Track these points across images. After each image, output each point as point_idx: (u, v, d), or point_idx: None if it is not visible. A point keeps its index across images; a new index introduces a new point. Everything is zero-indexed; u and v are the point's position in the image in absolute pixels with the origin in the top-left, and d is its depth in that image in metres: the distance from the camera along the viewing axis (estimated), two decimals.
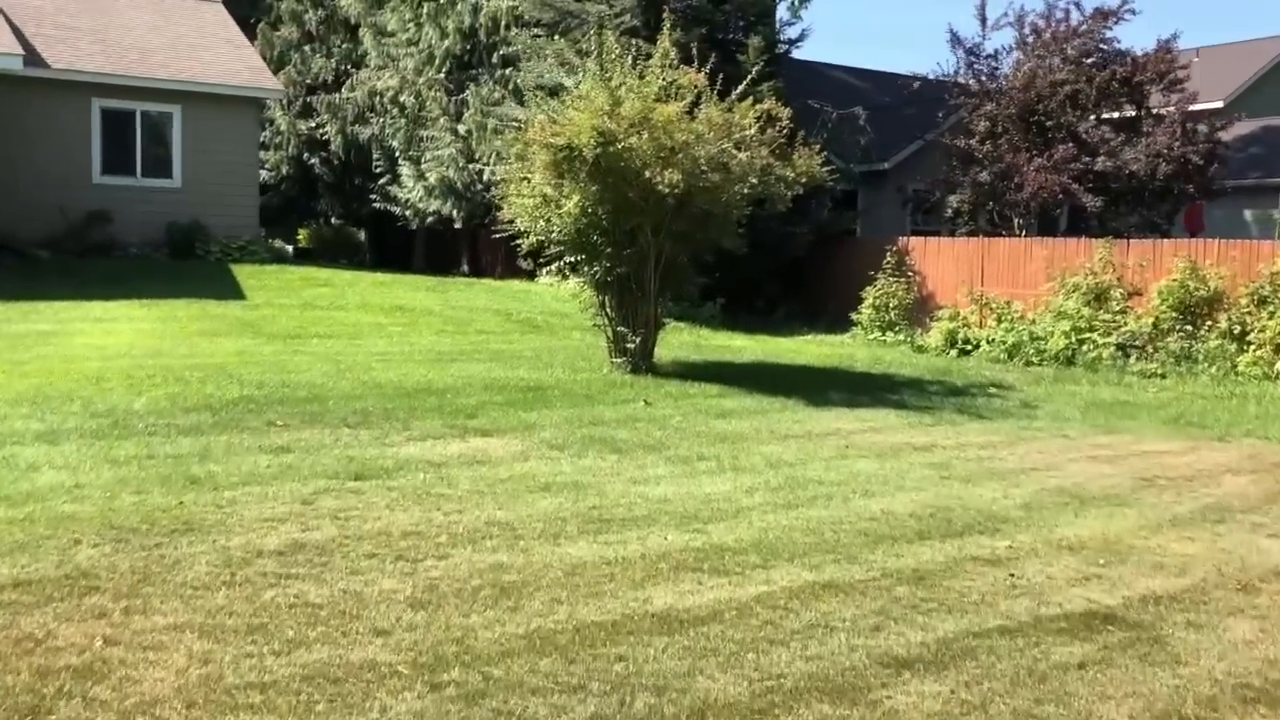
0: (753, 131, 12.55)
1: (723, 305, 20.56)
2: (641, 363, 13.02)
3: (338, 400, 10.59)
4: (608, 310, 13.37)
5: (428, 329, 16.56)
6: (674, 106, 11.97)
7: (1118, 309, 16.27)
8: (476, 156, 24.38)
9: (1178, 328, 15.44)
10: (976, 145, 22.55)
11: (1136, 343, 15.82)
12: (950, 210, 23.50)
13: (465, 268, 28.38)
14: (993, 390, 13.66)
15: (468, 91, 24.56)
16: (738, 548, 6.44)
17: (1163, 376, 14.94)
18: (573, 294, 21.17)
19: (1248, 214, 26.81)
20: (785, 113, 12.71)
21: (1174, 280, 15.63)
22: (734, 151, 12.46)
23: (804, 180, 13.24)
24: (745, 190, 12.76)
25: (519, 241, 13.33)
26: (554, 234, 12.90)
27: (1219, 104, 28.09)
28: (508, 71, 23.75)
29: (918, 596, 5.71)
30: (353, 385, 11.43)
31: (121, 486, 7.17)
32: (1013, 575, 6.14)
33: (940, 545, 6.69)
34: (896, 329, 19.05)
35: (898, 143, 25.83)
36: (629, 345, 12.96)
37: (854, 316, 19.63)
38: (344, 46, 29.10)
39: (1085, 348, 16.03)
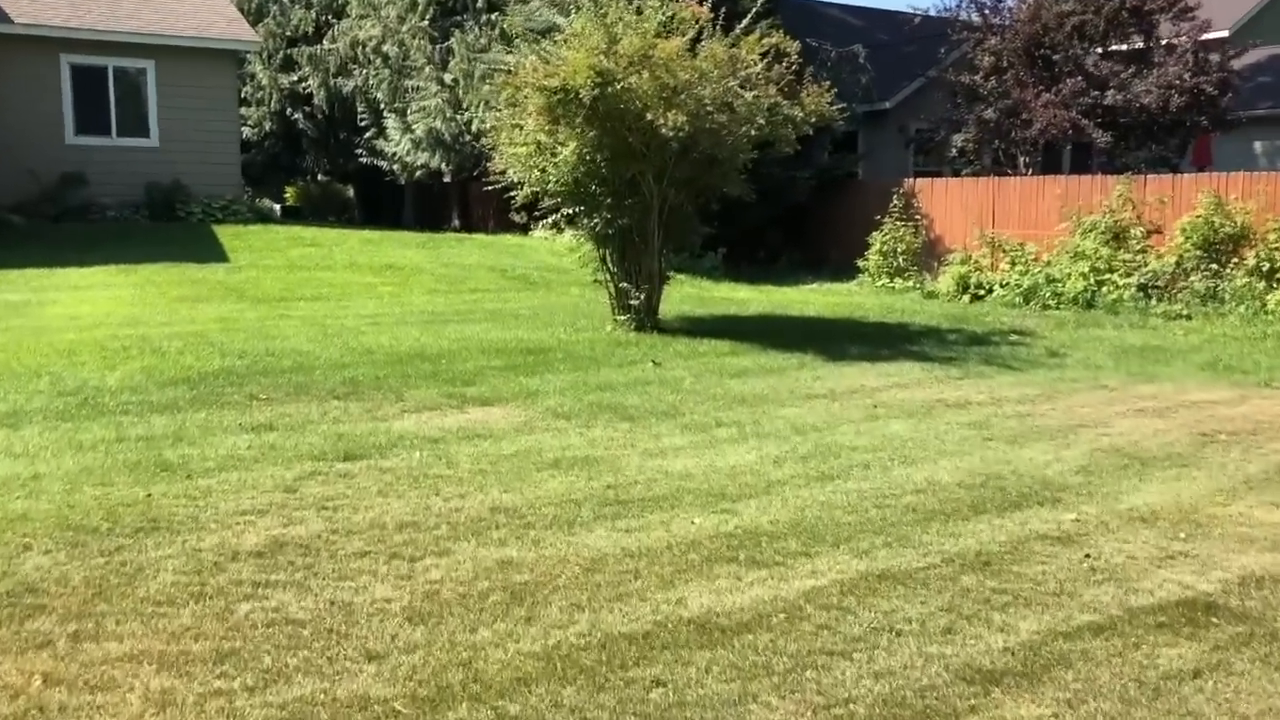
0: (759, 69, 11.64)
1: (724, 256, 19.72)
2: (646, 319, 12.21)
3: (325, 369, 9.78)
4: (609, 265, 12.53)
5: (419, 288, 15.72)
6: (676, 42, 11.06)
7: (1138, 248, 15.47)
8: (464, 106, 23.38)
9: (1202, 266, 14.65)
10: (981, 81, 21.62)
11: (1159, 283, 15.03)
12: (954, 150, 22.60)
13: (456, 222, 27.45)
14: (1015, 337, 12.88)
15: (453, 39, 23.51)
16: (774, 531, 5.68)
17: (1188, 318, 14.16)
18: (569, 247, 20.30)
19: (1257, 145, 25.92)
20: (794, 46, 11.80)
21: (1198, 216, 14.81)
22: (740, 90, 11.56)
23: (813, 120, 12.34)
24: (753, 132, 11.88)
25: (512, 194, 12.45)
26: (549, 184, 12.03)
27: (1225, 33, 27.10)
28: (494, 15, 22.70)
29: (988, 587, 4.96)
30: (341, 352, 10.62)
31: (84, 477, 6.38)
32: (1088, 556, 5.39)
33: (999, 521, 5.93)
34: (905, 275, 18.24)
35: (898, 81, 24.85)
36: (632, 301, 12.15)
37: (860, 263, 18.81)
38: None
39: (1105, 289, 15.24)
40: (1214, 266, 14.59)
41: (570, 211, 12.07)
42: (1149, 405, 9.03)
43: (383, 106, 25.52)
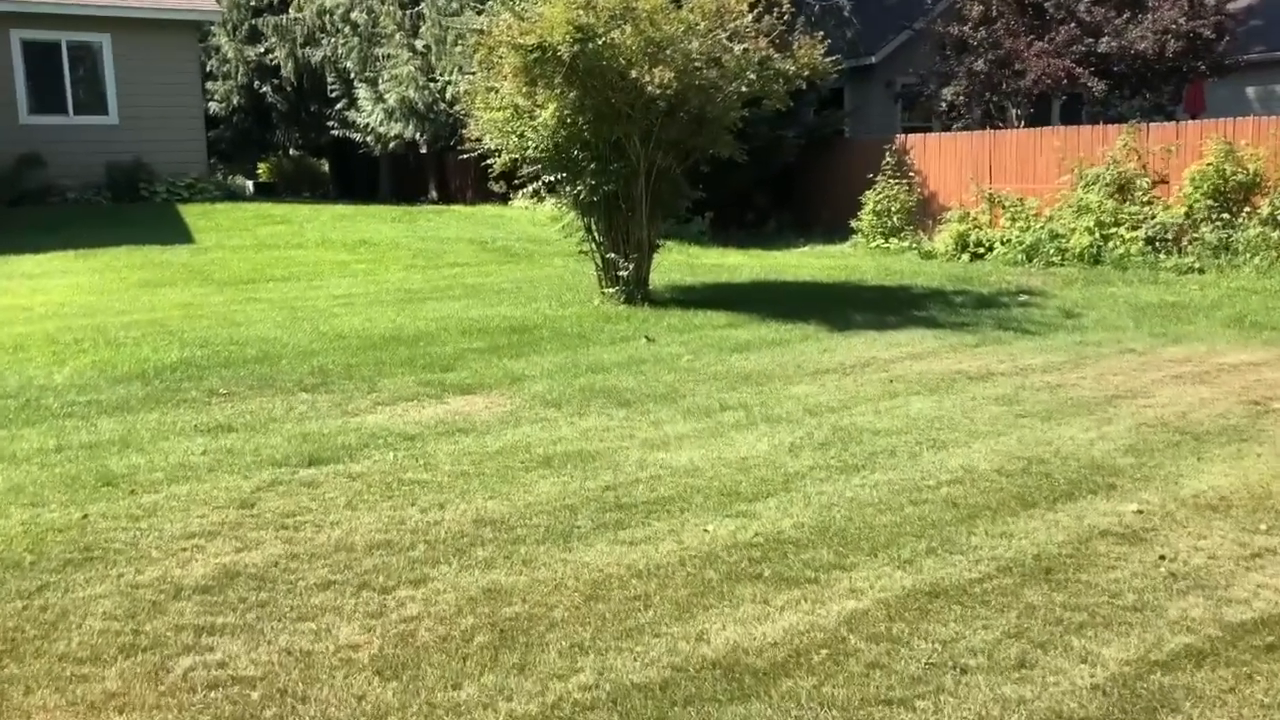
0: (749, 19, 10.79)
1: (711, 220, 18.90)
2: (636, 291, 11.41)
3: (292, 358, 8.97)
4: (595, 234, 11.71)
5: (395, 265, 14.86)
6: None
7: (1144, 200, 14.71)
8: (437, 73, 22.43)
9: (1213, 217, 13.90)
10: (970, 32, 20.74)
11: (1167, 235, 14.28)
12: (944, 103, 21.73)
13: (433, 194, 26.53)
14: (1024, 298, 12.13)
15: (424, 3, 22.51)
16: (800, 538, 4.92)
17: (1201, 271, 13.44)
18: (551, 217, 19.44)
19: (1250, 91, 25.14)
20: None
21: (1207, 164, 14.05)
22: (728, 44, 10.71)
23: (806, 74, 11.50)
24: (743, 89, 11.04)
25: (490, 161, 11.60)
26: (529, 150, 11.18)
27: None
28: None
29: (1056, 603, 4.21)
30: (310, 338, 9.80)
31: (13, 497, 5.58)
32: (1163, 558, 4.65)
33: (1052, 515, 5.19)
34: (900, 235, 17.46)
35: (883, 35, 23.95)
36: (621, 273, 11.34)
37: (853, 224, 18.01)
38: None
39: (1111, 244, 14.49)
40: (1225, 216, 13.85)
41: (552, 179, 11.23)
42: (1185, 370, 8.30)
43: (353, 76, 24.53)
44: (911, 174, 18.15)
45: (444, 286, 13.20)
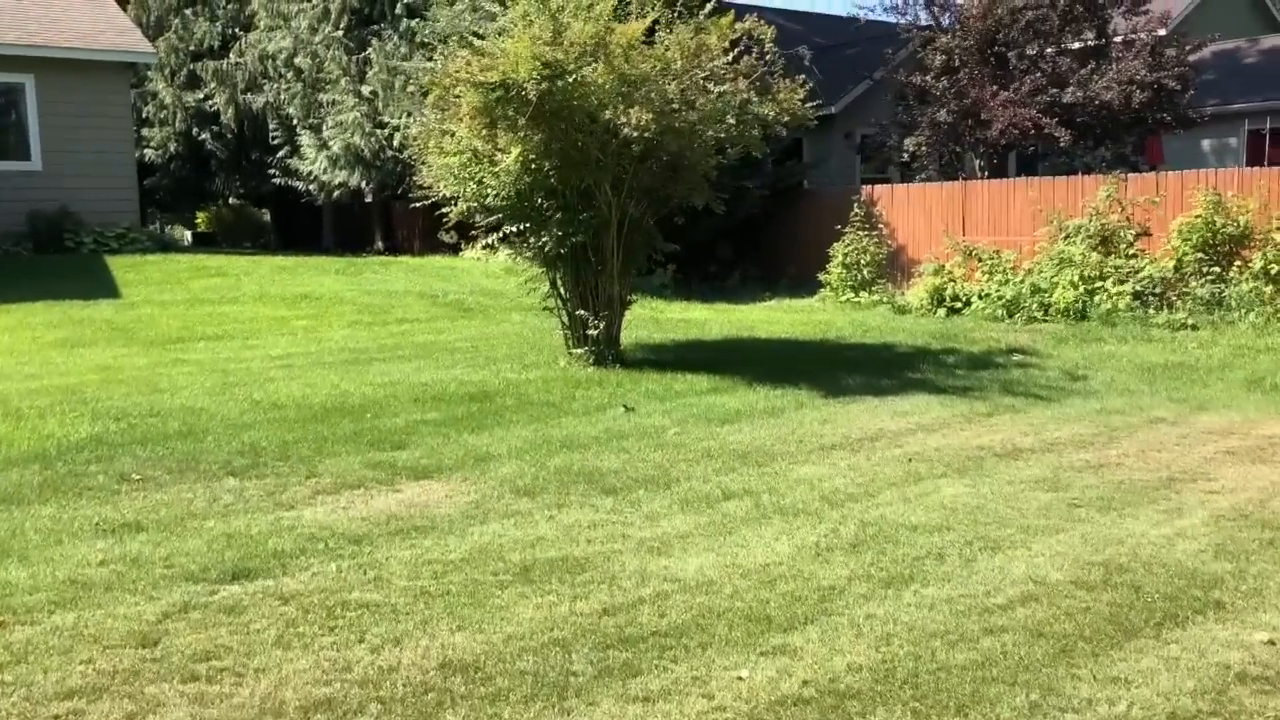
0: (729, 59, 9.81)
1: (673, 273, 17.87)
2: (607, 351, 10.29)
3: (221, 433, 7.71)
4: (561, 290, 10.59)
5: (339, 321, 13.62)
6: (636, 25, 9.17)
7: (1129, 253, 13.91)
8: (384, 120, 21.31)
9: (1204, 270, 13.12)
10: (932, 82, 20.05)
11: (1156, 290, 13.48)
12: (906, 154, 20.99)
13: (379, 245, 25.29)
14: (1018, 358, 11.19)
15: (371, 49, 21.42)
16: (861, 688, 3.79)
17: (1194, 328, 12.61)
18: (505, 269, 18.36)
19: (1205, 144, 24.76)
20: (769, 32, 9.97)
21: (1196, 216, 13.29)
22: (708, 85, 9.71)
23: (785, 120, 10.53)
24: (721, 134, 10.03)
25: (444, 211, 10.45)
26: (488, 199, 10.06)
27: (1161, 31, 25.99)
28: (414, 23, 20.62)
29: None
30: (242, 408, 8.55)
31: None
32: None
33: (1164, 650, 4.10)
34: (871, 288, 16.55)
35: (842, 85, 23.25)
36: (590, 331, 10.21)
37: (822, 277, 17.08)
38: (229, 8, 25.62)
39: (1098, 299, 13.66)
40: (1216, 270, 13.08)
41: (514, 229, 10.09)
42: (1234, 444, 7.32)
43: (296, 123, 23.31)
44: (880, 226, 17.29)
45: (392, 345, 11.99)
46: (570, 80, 8.88)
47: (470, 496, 6.25)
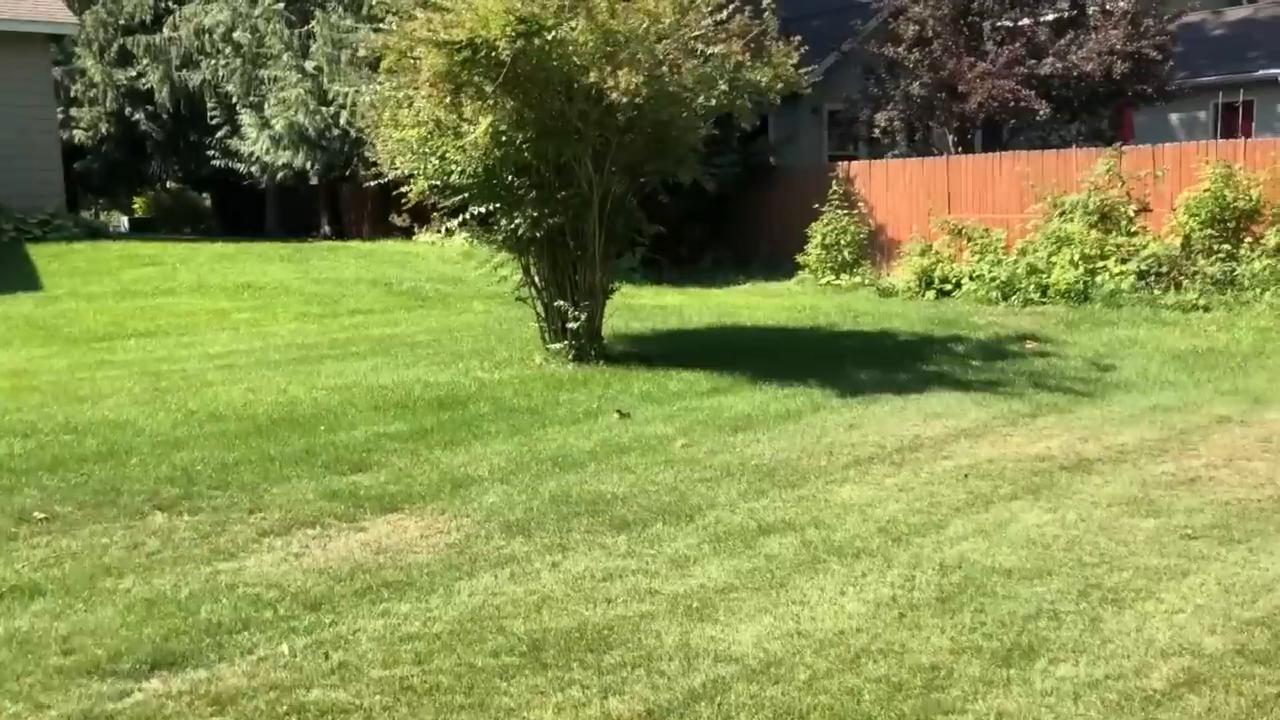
0: (724, 15, 8.63)
1: (642, 256, 16.65)
2: (589, 346, 9.11)
3: (149, 453, 6.44)
4: (535, 278, 9.37)
5: (286, 313, 12.28)
6: None
7: (1132, 230, 12.95)
8: (330, 97, 19.84)
9: (1214, 248, 12.18)
10: (904, 53, 18.97)
11: (1162, 269, 12.52)
12: (878, 130, 19.92)
13: (326, 229, 23.81)
14: (1031, 345, 10.17)
15: (314, 21, 19.90)
16: None
17: (1206, 309, 11.67)
18: (463, 253, 17.06)
19: (1174, 118, 23.97)
20: None
21: (1205, 191, 12.33)
22: (699, 45, 8.53)
23: (779, 86, 9.39)
24: (713, 101, 8.85)
25: (402, 190, 9.18)
26: (452, 176, 8.80)
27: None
28: None
29: None
30: (175, 419, 7.27)
31: None
32: None
33: None
34: (852, 270, 15.48)
35: (808, 59, 22.03)
36: (570, 324, 9.03)
37: (799, 259, 15.97)
38: None
39: (1099, 279, 12.68)
40: (1226, 248, 12.14)
41: (482, 210, 8.83)
42: None
43: (236, 101, 21.73)
44: (859, 204, 16.21)
45: (345, 340, 10.71)
46: (548, 39, 7.64)
47: (451, 536, 5.04)
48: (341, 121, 19.72)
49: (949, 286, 14.06)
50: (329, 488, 5.78)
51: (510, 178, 8.82)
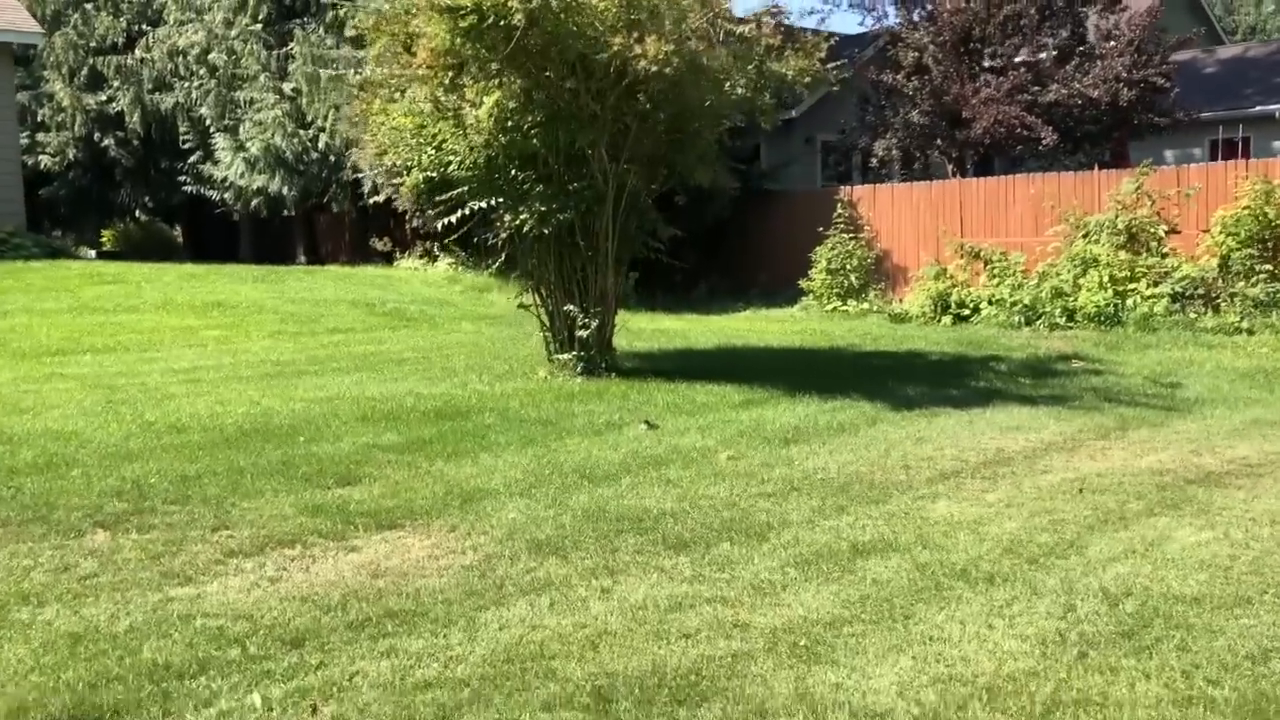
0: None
1: (635, 282, 15.67)
2: (599, 357, 8.09)
3: (92, 466, 5.33)
4: (542, 282, 8.34)
5: (259, 331, 11.16)
6: None
7: (1163, 251, 12.11)
8: (309, 120, 18.83)
9: (1255, 269, 11.33)
10: (903, 81, 18.26)
11: (1198, 291, 11.66)
12: (875, 159, 19.15)
13: (302, 259, 22.68)
14: (1078, 364, 9.23)
15: (293, 42, 18.93)
16: None
17: (1250, 332, 10.81)
18: (447, 277, 16.05)
19: (1169, 154, 23.40)
20: None
21: (1244, 208, 11.52)
22: (727, 25, 7.62)
23: (807, 80, 8.49)
24: (739, 90, 7.93)
25: (396, 182, 8.16)
26: (451, 167, 7.78)
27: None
28: (343, 12, 18.22)
29: None
30: (128, 430, 6.15)
31: None
32: None
33: None
34: (860, 295, 14.55)
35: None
36: (580, 332, 7.99)
37: (803, 284, 15.03)
38: (136, 0, 22.88)
39: (1130, 302, 11.81)
40: (1268, 269, 11.30)
41: (482, 206, 7.80)
42: None
43: (210, 124, 20.67)
44: (865, 229, 15.35)
45: (324, 357, 9.61)
46: (565, 3, 6.67)
47: (467, 558, 3.97)
48: (320, 145, 18.73)
49: (966, 311, 13.14)
50: (310, 502, 4.70)
51: (514, 171, 7.82)
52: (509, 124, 7.43)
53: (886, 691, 2.82)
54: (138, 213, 27.29)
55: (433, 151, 7.79)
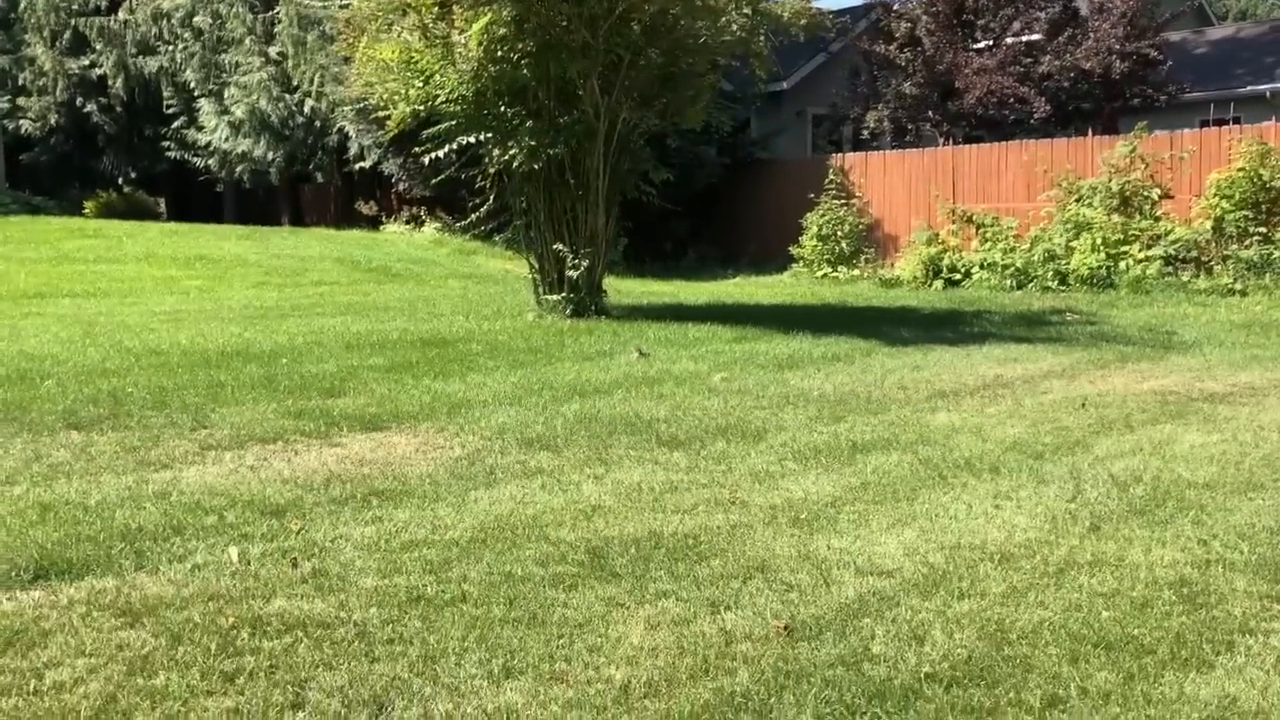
0: None
1: (624, 249, 15.54)
2: (589, 299, 7.95)
3: (69, 378, 5.19)
4: (532, 221, 8.19)
5: (242, 283, 11.00)
6: None
7: (1156, 214, 12.03)
8: (294, 84, 18.61)
9: (1249, 230, 11.27)
10: (896, 51, 18.13)
11: (1190, 254, 11.60)
12: (867, 130, 19.02)
13: (286, 224, 22.45)
14: (1073, 316, 9.14)
15: (278, 5, 18.70)
16: None
17: (1242, 293, 10.75)
18: (433, 240, 15.89)
19: (1159, 134, 23.33)
20: None
21: (1239, 171, 11.45)
22: None
23: (802, 24, 8.36)
24: (733, 29, 7.80)
25: (382, 115, 8.01)
26: (439, 101, 7.63)
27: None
28: None
29: None
30: (105, 354, 6.01)
31: None
32: None
33: None
34: (850, 262, 14.45)
35: (794, 59, 21.21)
36: (570, 273, 7.85)
37: (794, 251, 14.92)
38: None
39: (1123, 264, 11.74)
40: (1261, 231, 11.24)
41: (471, 140, 7.65)
42: None
43: (195, 88, 20.43)
44: (856, 196, 15.23)
45: (308, 305, 9.46)
46: None
47: (456, 451, 3.85)
48: (306, 109, 18.52)
49: (958, 276, 13.05)
50: (294, 408, 4.56)
51: (503, 106, 7.68)
52: (499, 54, 7.29)
53: (892, 555, 2.71)
54: (120, 181, 26.99)
55: (420, 84, 7.64)
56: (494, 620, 2.25)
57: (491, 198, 8.42)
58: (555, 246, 7.86)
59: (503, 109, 7.72)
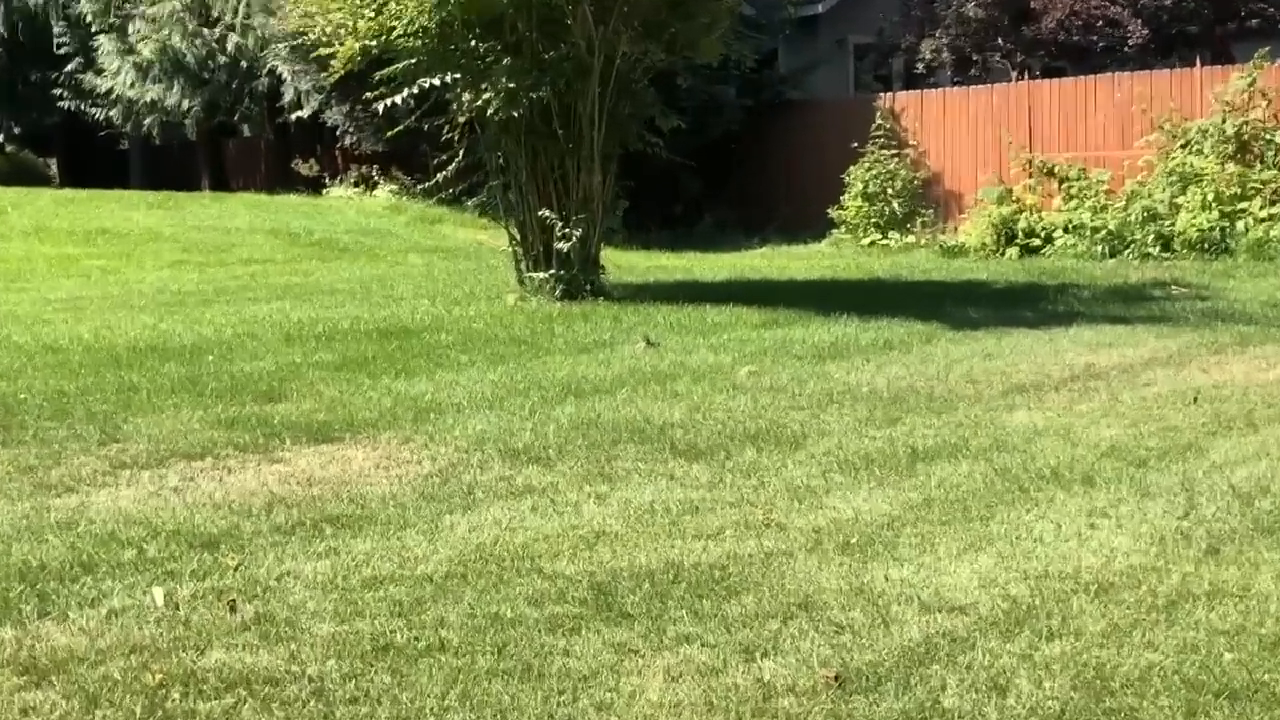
0: None
1: (624, 213, 15.56)
2: (583, 277, 8.00)
3: None
4: (512, 182, 8.22)
5: (154, 262, 11.08)
6: None
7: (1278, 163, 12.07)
8: (215, 16, 18.67)
9: None
10: None
11: None
12: (922, 63, 19.06)
13: (208, 190, 22.53)
14: (1178, 290, 9.16)
15: None
16: None
17: None
18: (389, 206, 15.94)
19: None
20: None
21: None
22: None
23: None
24: None
25: (324, 53, 8.03)
26: (395, 34, 7.65)
27: None
28: None
29: None
30: None
31: None
32: None
33: None
34: (904, 227, 14.46)
35: None
36: (559, 245, 7.88)
37: (834, 214, 14.93)
38: None
39: (1240, 225, 11.77)
40: None
41: (435, 83, 7.67)
42: None
43: (92, 23, 20.45)
44: (910, 145, 15.25)
45: (236, 288, 9.54)
46: None
47: (425, 467, 3.89)
48: (230, 47, 18.55)
49: (1037, 241, 13.07)
50: (225, 416, 4.61)
51: (474, 40, 7.71)
52: None
53: (964, 588, 2.75)
54: (1, 139, 27.11)
55: (371, 14, 7.66)
56: (479, 673, 2.29)
57: (461, 153, 8.46)
58: (541, 212, 7.91)
59: (474, 43, 7.78)
